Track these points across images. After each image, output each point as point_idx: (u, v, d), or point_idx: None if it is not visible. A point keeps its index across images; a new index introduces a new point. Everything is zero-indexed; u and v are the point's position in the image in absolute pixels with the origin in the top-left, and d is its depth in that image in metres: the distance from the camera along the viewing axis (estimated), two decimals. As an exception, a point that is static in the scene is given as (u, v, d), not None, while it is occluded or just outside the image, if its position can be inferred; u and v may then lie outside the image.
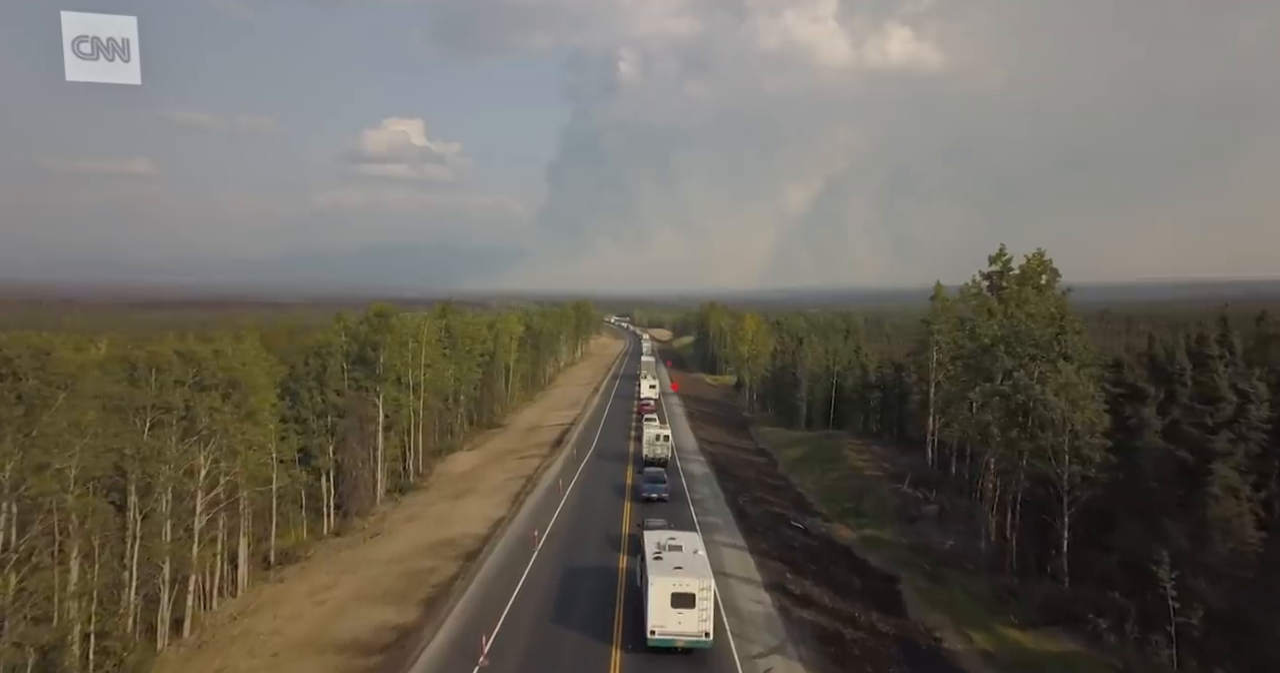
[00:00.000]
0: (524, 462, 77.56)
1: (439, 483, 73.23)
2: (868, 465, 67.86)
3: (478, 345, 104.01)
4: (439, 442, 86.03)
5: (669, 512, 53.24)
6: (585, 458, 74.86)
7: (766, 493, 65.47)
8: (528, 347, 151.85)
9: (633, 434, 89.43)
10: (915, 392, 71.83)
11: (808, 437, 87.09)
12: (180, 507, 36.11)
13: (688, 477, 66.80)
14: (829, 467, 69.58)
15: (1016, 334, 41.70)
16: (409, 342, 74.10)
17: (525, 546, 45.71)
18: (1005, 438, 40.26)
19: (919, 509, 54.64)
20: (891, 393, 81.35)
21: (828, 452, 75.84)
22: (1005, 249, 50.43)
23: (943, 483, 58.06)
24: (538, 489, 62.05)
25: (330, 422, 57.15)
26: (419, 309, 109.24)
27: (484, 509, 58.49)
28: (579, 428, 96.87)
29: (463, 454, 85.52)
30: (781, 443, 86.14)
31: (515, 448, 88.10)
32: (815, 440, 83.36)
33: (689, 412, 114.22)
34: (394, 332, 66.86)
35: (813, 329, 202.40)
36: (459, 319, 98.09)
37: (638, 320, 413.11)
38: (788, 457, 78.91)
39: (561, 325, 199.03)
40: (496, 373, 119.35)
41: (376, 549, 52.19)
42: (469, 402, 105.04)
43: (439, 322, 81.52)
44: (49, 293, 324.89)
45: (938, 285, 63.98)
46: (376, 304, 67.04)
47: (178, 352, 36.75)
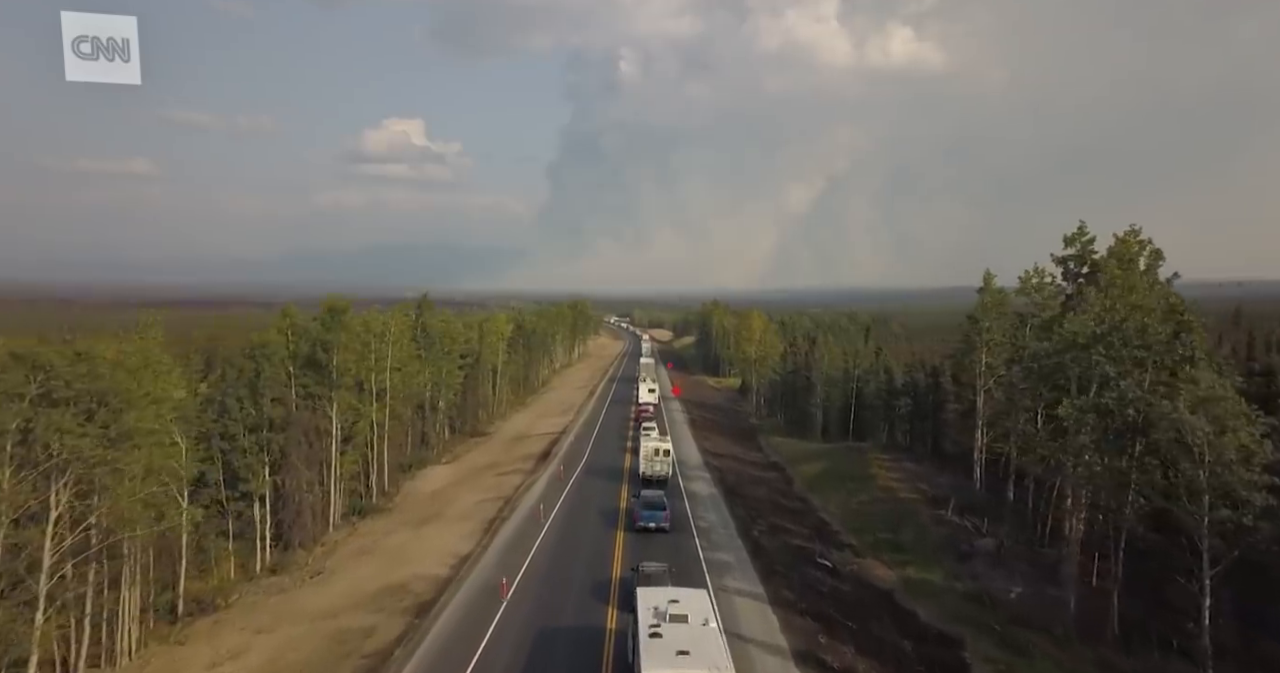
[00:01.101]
0: (504, 479, 68.27)
1: (405, 505, 63.85)
2: (900, 486, 58.40)
3: (457, 346, 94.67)
4: (411, 455, 76.60)
5: (670, 546, 44.38)
6: (574, 475, 65.69)
7: (784, 519, 56.07)
8: (520, 348, 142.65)
9: (629, 445, 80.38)
10: (955, 400, 62.41)
11: (826, 449, 77.53)
12: (13, 564, 26.71)
13: (691, 498, 57.57)
14: (855, 486, 60.16)
15: (1121, 332, 32.34)
16: (371, 341, 64.77)
17: (491, 596, 36.50)
18: (1108, 467, 30.99)
19: (971, 544, 45.24)
20: (924, 401, 71.88)
21: (851, 468, 66.37)
22: (1085, 226, 41.04)
23: (997, 512, 48.65)
24: (515, 515, 52.80)
25: (265, 437, 47.73)
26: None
27: (449, 541, 49.19)
28: (570, 437, 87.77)
29: (437, 469, 76.07)
30: (796, 456, 76.68)
31: (497, 461, 78.76)
32: (835, 454, 73.84)
33: (691, 419, 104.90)
34: (349, 330, 57.43)
35: (818, 329, 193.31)
36: (436, 317, 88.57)
37: (637, 321, 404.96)
38: (804, 473, 69.49)
39: (557, 325, 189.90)
40: (482, 376, 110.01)
41: (312, 595, 42.78)
42: (449, 408, 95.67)
43: (406, 318, 71.76)
44: (48, 293, 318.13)
45: (987, 275, 54.61)
46: (329, 298, 57.63)
47: (14, 354, 27.45)
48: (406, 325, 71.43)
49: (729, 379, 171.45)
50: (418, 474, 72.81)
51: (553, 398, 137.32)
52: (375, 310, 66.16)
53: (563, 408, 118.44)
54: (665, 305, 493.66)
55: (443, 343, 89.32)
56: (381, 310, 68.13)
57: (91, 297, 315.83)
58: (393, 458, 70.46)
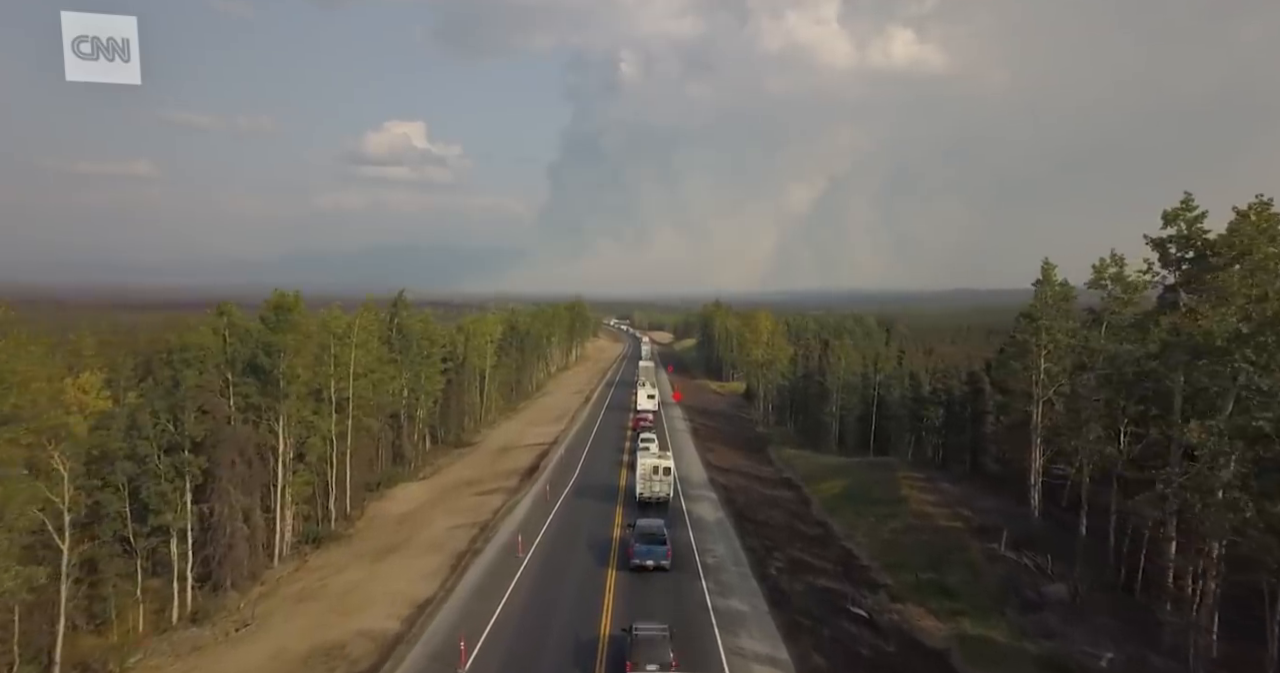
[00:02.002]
0: (484, 499, 60.33)
1: (368, 531, 55.86)
2: (939, 511, 50.33)
3: (438, 349, 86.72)
4: (382, 471, 68.59)
5: (671, 590, 36.67)
6: (562, 495, 57.82)
7: (804, 550, 48.03)
8: (512, 350, 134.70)
9: (625, 459, 72.48)
10: (1000, 411, 54.25)
11: (845, 464, 69.41)
12: None
13: (696, 525, 49.67)
14: (884, 511, 52.11)
15: (1275, 328, 24.42)
16: (331, 344, 56.82)
17: (446, 666, 28.74)
18: (1262, 512, 23.14)
19: (1038, 590, 37.18)
20: (960, 411, 63.75)
21: (877, 487, 58.30)
22: (1192, 199, 32.88)
23: (1064, 548, 40.60)
24: (491, 547, 44.93)
25: (184, 459, 39.72)
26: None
27: (408, 582, 41.22)
28: (561, 449, 79.85)
29: (411, 487, 68.01)
30: (812, 472, 68.61)
31: (478, 477, 70.78)
32: (857, 470, 65.73)
33: (694, 428, 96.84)
34: (300, 331, 49.46)
35: (823, 331, 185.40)
36: (415, 317, 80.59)
37: (638, 322, 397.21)
38: (823, 492, 61.47)
39: (553, 327, 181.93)
40: (468, 382, 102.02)
41: (229, 657, 34.81)
42: (429, 417, 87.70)
43: (374, 318, 63.59)
44: (47, 294, 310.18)
45: (1046, 265, 46.34)
46: (275, 294, 49.61)
47: None
48: (374, 326, 63.39)
49: (732, 384, 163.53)
50: (387, 494, 64.77)
51: (546, 404, 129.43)
52: (336, 308, 58.07)
53: (556, 415, 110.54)
54: (665, 307, 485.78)
55: (421, 345, 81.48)
56: (345, 309, 60.03)
57: (90, 298, 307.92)
58: (359, 475, 62.48)
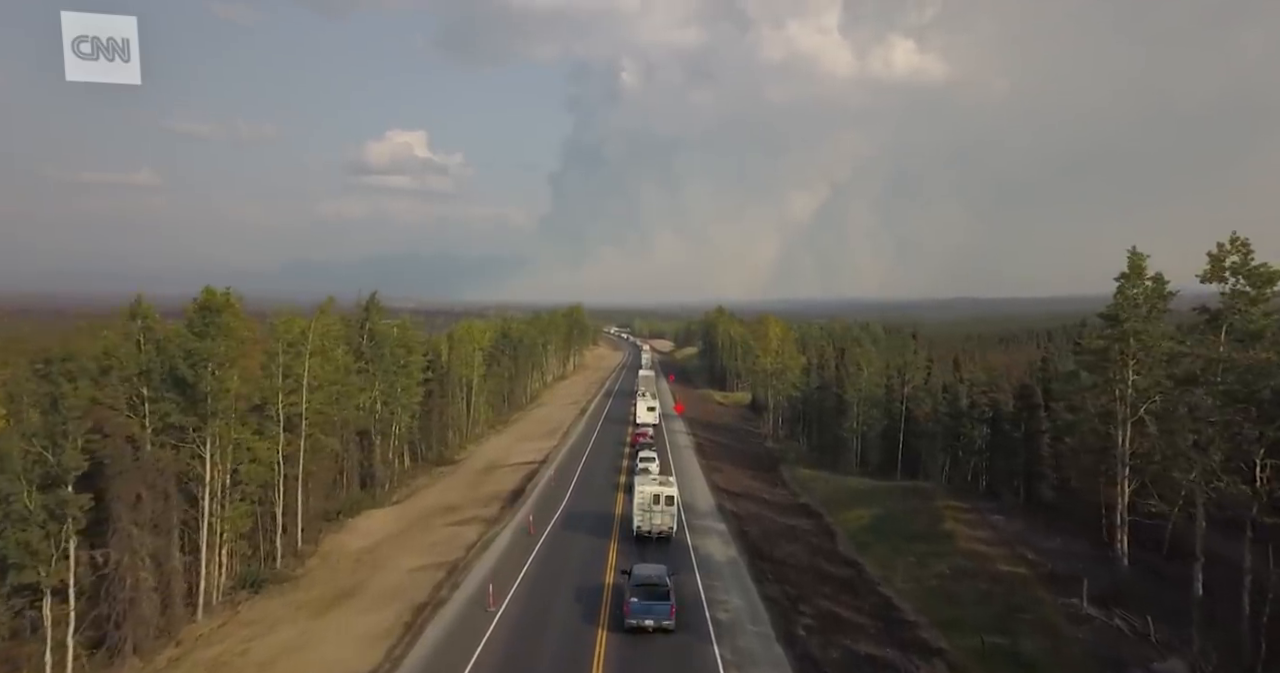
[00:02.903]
0: (458, 531, 52.34)
1: (319, 571, 47.73)
2: (994, 552, 42.12)
3: (417, 358, 78.79)
4: (346, 496, 60.47)
5: (676, 662, 29.10)
6: (548, 526, 50.08)
7: (834, 600, 39.82)
8: (505, 359, 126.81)
9: (622, 480, 64.74)
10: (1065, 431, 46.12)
11: (872, 489, 61.10)
12: None
13: (703, 566, 41.77)
14: (926, 549, 43.93)
15: None
16: (279, 352, 48.87)
17: None
18: None
19: (1146, 666, 29.03)
20: (1009, 431, 55.39)
21: (914, 519, 50.11)
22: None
23: (1170, 608, 32.46)
24: (457, 597, 37.08)
25: (63, 497, 31.69)
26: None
27: (346, 648, 33.16)
28: (551, 469, 72.01)
29: (379, 515, 59.84)
30: (834, 497, 60.41)
31: (455, 503, 62.73)
32: (886, 496, 57.49)
33: (697, 443, 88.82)
34: (232, 337, 41.49)
35: (828, 338, 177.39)
36: (390, 322, 72.63)
37: (638, 330, 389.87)
38: (849, 522, 53.31)
39: (549, 335, 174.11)
40: (453, 393, 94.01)
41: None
42: (406, 433, 79.69)
43: (333, 323, 55.43)
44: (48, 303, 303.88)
45: (1134, 255, 37.94)
46: (204, 292, 41.62)
47: None
48: (338, 331, 55.35)
49: (737, 394, 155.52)
50: (349, 524, 56.59)
51: (539, 416, 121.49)
52: (286, 312, 50.16)
53: (548, 429, 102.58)
54: (666, 314, 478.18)
55: (396, 353, 73.53)
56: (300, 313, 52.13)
57: (90, 307, 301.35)
58: (316, 503, 54.40)
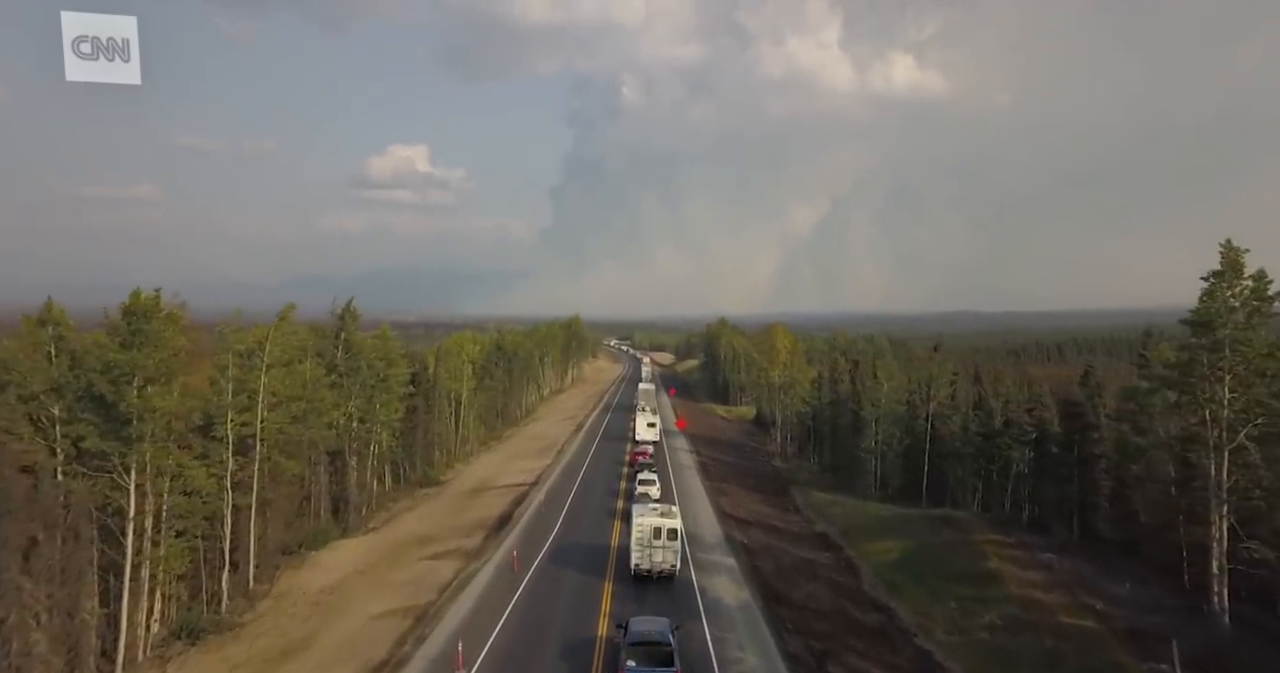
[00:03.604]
0: (433, 567, 46.30)
1: (270, 616, 41.62)
2: (1054, 599, 36.05)
3: (398, 371, 72.94)
4: (312, 526, 54.39)
5: None
6: (535, 561, 44.28)
7: (866, 656, 33.71)
8: (499, 372, 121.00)
9: (619, 506, 58.95)
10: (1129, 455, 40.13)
11: (897, 517, 54.94)
12: None
13: (711, 613, 35.85)
14: (969, 592, 37.87)
15: None
16: (230, 365, 43.02)
17: None
18: None
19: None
20: (1058, 455, 49.08)
21: (951, 554, 44.04)
22: None
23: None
24: (421, 656, 31.18)
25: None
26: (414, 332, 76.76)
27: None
28: (543, 491, 66.14)
29: (346, 547, 53.68)
30: (854, 525, 54.30)
31: (435, 532, 56.65)
32: (914, 526, 51.39)
33: (701, 462, 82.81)
34: (164, 347, 35.65)
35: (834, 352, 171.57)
36: (367, 332, 66.77)
37: (638, 343, 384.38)
38: (875, 557, 47.25)
39: (546, 347, 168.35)
40: (440, 410, 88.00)
41: None
42: (386, 453, 73.69)
43: (295, 331, 49.36)
44: None
45: (1228, 249, 32.11)
46: (133, 294, 35.84)
47: None
48: (296, 341, 49.41)
49: (741, 409, 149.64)
50: (312, 558, 50.41)
51: (534, 432, 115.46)
52: (235, 320, 44.28)
53: (542, 446, 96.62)
54: (667, 327, 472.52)
55: (374, 366, 67.67)
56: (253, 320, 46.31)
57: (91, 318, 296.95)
58: (275, 534, 48.37)
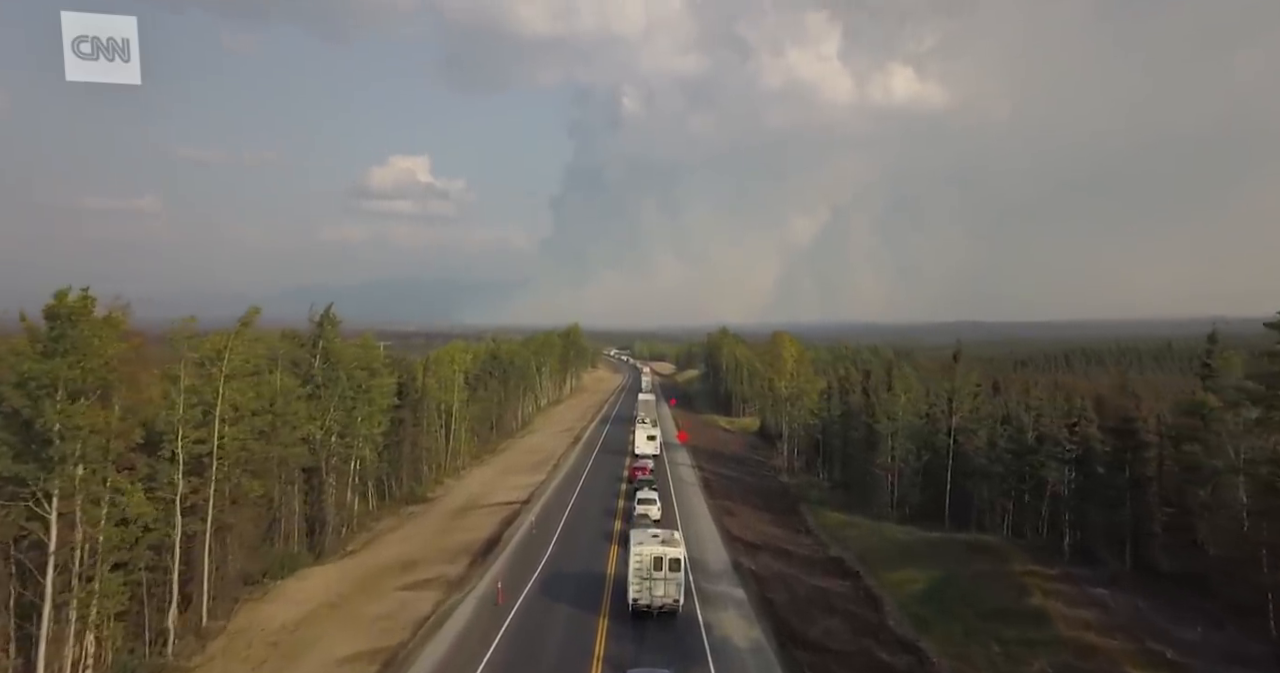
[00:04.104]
0: (410, 598, 41.71)
1: (222, 657, 36.91)
2: (1111, 641, 31.37)
3: (383, 382, 68.49)
4: (279, 552, 49.75)
5: None
6: (523, 593, 40.03)
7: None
8: (493, 382, 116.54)
9: (617, 527, 54.65)
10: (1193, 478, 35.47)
11: (920, 542, 50.13)
12: None
13: (721, 658, 31.76)
14: (1013, 633, 33.22)
15: None
16: (181, 375, 38.56)
17: None
18: None
19: None
20: (1101, 474, 44.19)
21: (986, 587, 39.34)
22: None
23: None
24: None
25: None
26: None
27: None
28: (535, 510, 61.76)
29: (317, 575, 48.89)
30: (872, 550, 49.59)
31: (416, 556, 51.94)
32: (941, 553, 46.63)
33: (704, 478, 78.11)
34: (94, 354, 31.19)
35: (851, 362, 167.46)
36: (340, 340, 62.30)
37: (638, 352, 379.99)
38: (898, 587, 42.56)
39: (543, 357, 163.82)
40: (428, 422, 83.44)
41: None
42: (370, 469, 69.16)
43: (255, 338, 44.66)
44: None
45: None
46: (59, 294, 31.38)
47: None
48: (261, 348, 44.82)
49: (744, 420, 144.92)
50: (278, 588, 45.68)
51: (529, 445, 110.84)
52: (188, 326, 39.76)
53: (537, 460, 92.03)
54: (667, 337, 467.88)
55: (356, 377, 63.22)
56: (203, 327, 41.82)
57: None
58: (237, 563, 43.80)
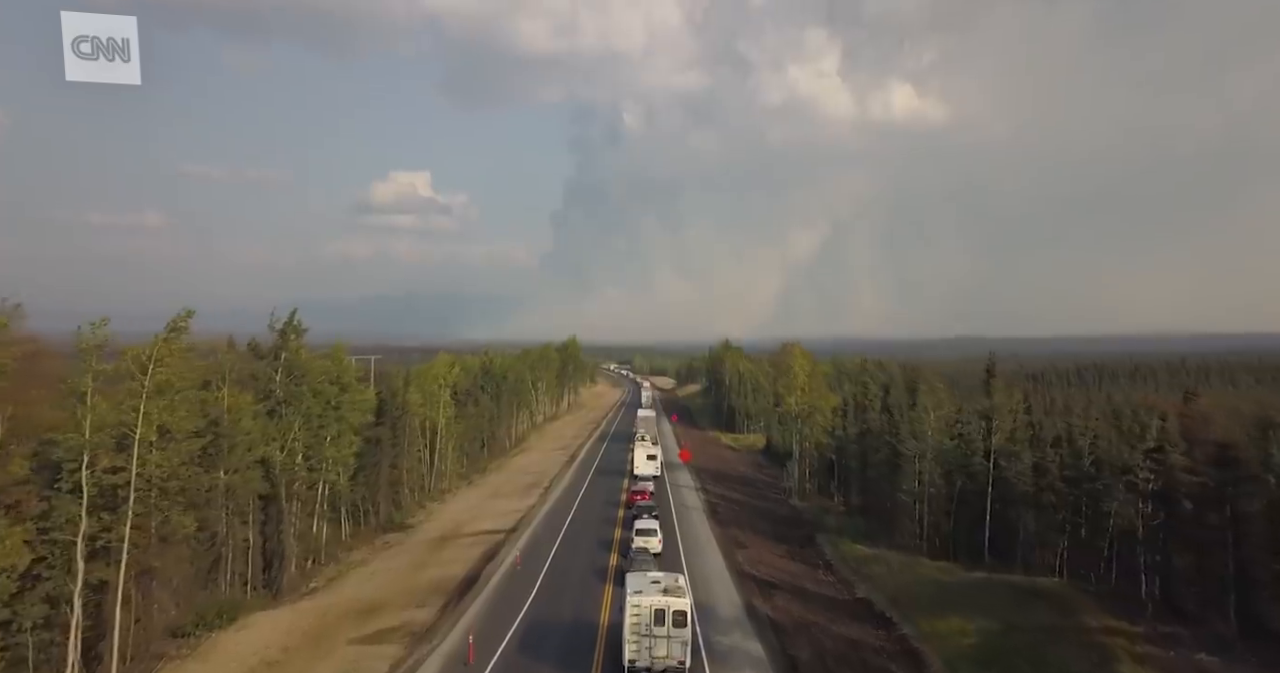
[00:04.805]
0: (367, 655, 35.22)
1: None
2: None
3: (356, 397, 62.24)
4: (221, 596, 43.16)
5: None
6: (499, 649, 33.86)
7: None
8: (485, 397, 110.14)
9: (613, 562, 48.33)
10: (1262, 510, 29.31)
11: (964, 585, 43.47)
12: None
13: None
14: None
15: None
16: (87, 389, 32.26)
17: None
18: None
19: None
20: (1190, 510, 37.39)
21: (1055, 645, 32.87)
22: None
23: None
24: None
25: None
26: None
27: None
28: (522, 540, 55.34)
29: (262, 623, 42.16)
30: (907, 591, 42.99)
31: (382, 598, 45.27)
32: (991, 598, 40.09)
33: (709, 503, 71.51)
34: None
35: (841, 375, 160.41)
36: (304, 350, 55.98)
37: (638, 366, 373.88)
38: (942, 639, 36.03)
39: (539, 371, 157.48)
40: (409, 441, 76.99)
41: None
42: (349, 492, 62.79)
43: (183, 349, 38.18)
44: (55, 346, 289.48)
45: None
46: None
47: None
48: (188, 360, 38.38)
49: (749, 436, 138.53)
50: (211, 641, 39.00)
51: (522, 464, 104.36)
52: (97, 332, 33.39)
53: (528, 482, 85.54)
54: (666, 350, 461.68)
55: (326, 392, 56.95)
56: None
57: None
58: (163, 614, 37.31)
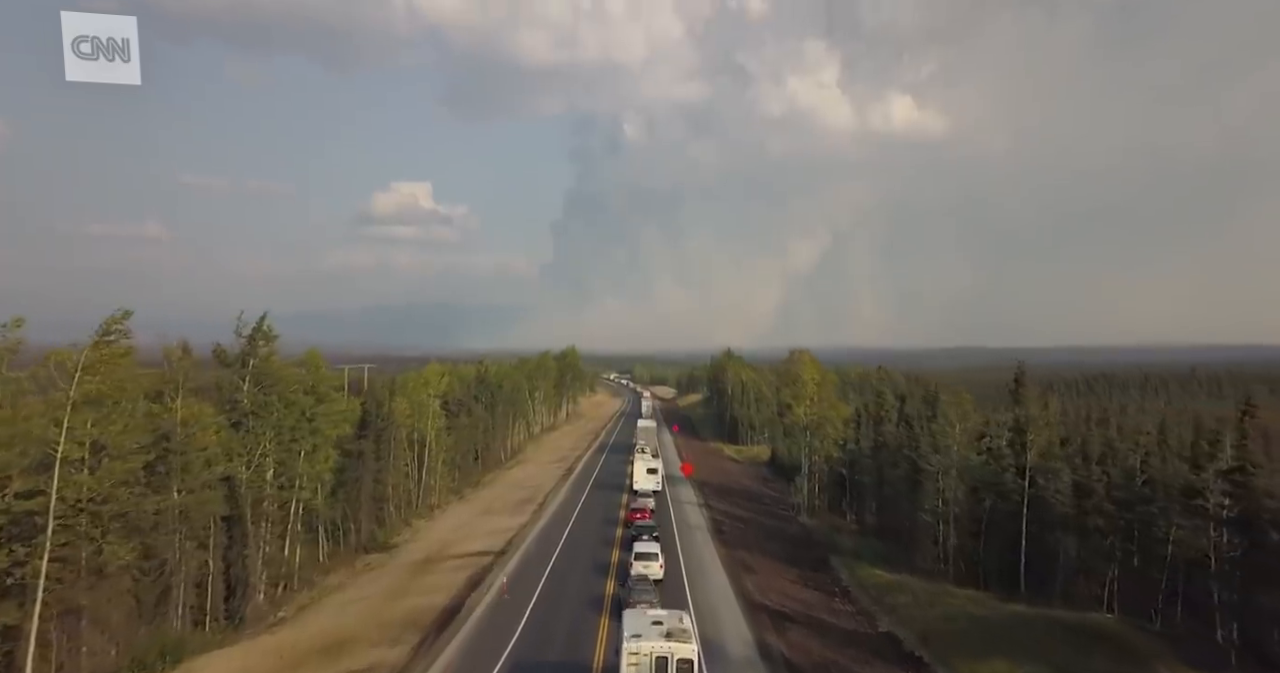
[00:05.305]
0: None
1: None
2: None
3: (335, 408, 57.83)
4: (165, 636, 38.43)
5: None
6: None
7: None
8: (479, 408, 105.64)
9: (609, 590, 43.74)
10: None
11: (1006, 618, 38.70)
12: None
13: None
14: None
15: None
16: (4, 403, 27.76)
17: None
18: None
19: None
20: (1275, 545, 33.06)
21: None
22: None
23: None
24: None
25: None
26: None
27: None
28: (512, 564, 50.81)
29: (214, 664, 37.62)
30: (939, 628, 38.35)
31: (352, 632, 40.39)
32: (1039, 637, 35.29)
33: (714, 521, 66.84)
34: None
35: (848, 385, 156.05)
36: (275, 357, 51.42)
37: (639, 376, 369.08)
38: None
39: (537, 381, 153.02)
40: (395, 456, 72.39)
41: None
42: (327, 510, 58.28)
43: (116, 350, 33.59)
44: None
45: None
46: None
47: None
48: (123, 369, 33.80)
49: (753, 448, 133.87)
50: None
51: (516, 478, 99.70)
52: (9, 333, 28.99)
53: (522, 497, 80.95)
54: (668, 361, 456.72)
55: (296, 404, 52.45)
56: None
57: None
58: (94, 658, 32.73)
